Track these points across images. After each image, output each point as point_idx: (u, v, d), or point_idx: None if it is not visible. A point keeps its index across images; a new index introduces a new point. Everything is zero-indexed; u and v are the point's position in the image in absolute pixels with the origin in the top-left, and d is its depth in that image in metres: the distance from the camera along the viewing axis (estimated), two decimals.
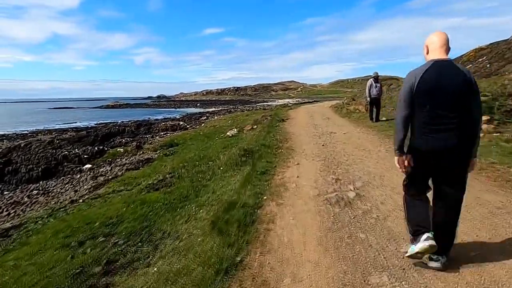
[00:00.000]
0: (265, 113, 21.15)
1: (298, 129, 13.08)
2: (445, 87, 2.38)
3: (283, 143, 9.94)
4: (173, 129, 23.46)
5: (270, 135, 11.27)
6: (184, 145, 16.55)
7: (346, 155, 7.66)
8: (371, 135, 10.30)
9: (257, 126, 17.12)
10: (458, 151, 2.42)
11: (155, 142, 17.82)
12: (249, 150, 9.01)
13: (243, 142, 12.48)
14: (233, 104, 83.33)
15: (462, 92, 2.38)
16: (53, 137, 29.74)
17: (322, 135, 11.16)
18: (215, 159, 9.78)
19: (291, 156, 7.83)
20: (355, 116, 16.12)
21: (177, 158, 12.22)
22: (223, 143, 13.98)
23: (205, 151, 12.76)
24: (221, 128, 19.88)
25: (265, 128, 13.13)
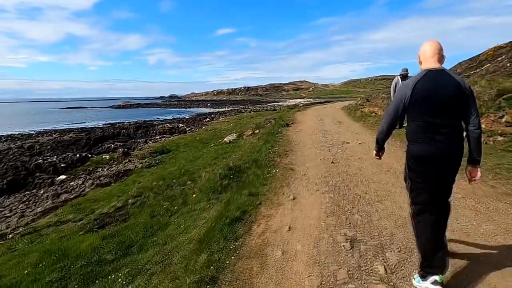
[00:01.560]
0: (269, 116, 18.90)
1: (304, 137, 10.81)
2: (438, 96, 2.34)
3: (281, 157, 7.71)
4: (171, 132, 21.45)
5: (267, 145, 9.05)
6: (175, 152, 14.48)
7: (365, 181, 5.39)
8: (395, 146, 7.95)
9: (258, 130, 14.93)
10: (451, 159, 2.39)
11: (146, 148, 15.81)
12: (236, 169, 6.84)
13: (236, 152, 10.35)
14: (244, 104, 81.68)
15: (455, 100, 2.34)
16: (51, 138, 28.31)
17: (332, 146, 8.88)
18: (196, 178, 7.66)
19: (287, 182, 5.60)
20: (371, 121, 13.74)
21: (157, 172, 10.13)
22: (216, 152, 11.86)
23: (193, 163, 10.65)
24: (221, 132, 17.74)
25: (264, 136, 10.91)
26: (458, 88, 2.34)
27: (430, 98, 2.35)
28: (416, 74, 2.49)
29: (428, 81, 2.38)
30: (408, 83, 2.45)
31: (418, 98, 2.37)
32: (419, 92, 2.37)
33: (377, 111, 16.38)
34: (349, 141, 9.39)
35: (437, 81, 2.37)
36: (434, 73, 2.40)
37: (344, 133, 11.30)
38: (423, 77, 2.41)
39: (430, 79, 2.38)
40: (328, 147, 8.74)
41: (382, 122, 2.62)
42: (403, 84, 2.52)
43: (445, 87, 2.35)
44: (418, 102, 2.38)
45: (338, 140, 9.80)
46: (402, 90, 2.47)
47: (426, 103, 2.37)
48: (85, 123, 46.52)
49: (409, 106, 2.42)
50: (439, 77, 2.39)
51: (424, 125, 2.40)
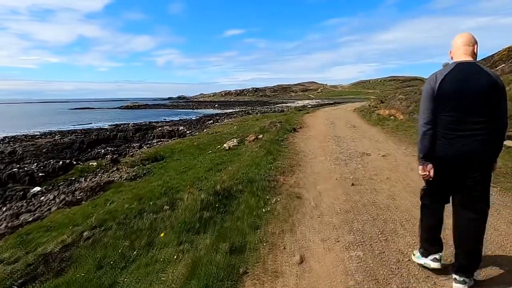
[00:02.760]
0: (275, 119, 17.12)
1: (313, 145, 9.01)
2: (468, 90, 2.14)
3: (285, 175, 5.93)
4: (170, 135, 19.82)
5: (269, 157, 7.28)
6: (168, 160, 12.80)
7: (405, 221, 3.61)
8: None
9: (262, 135, 13.17)
10: (483, 158, 2.20)
11: (138, 154, 14.17)
12: (224, 194, 5.11)
13: (233, 163, 8.64)
14: (251, 105, 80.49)
15: (487, 95, 2.13)
16: (50, 141, 27.01)
17: (350, 158, 7.08)
18: (177, 201, 5.94)
19: (291, 222, 3.82)
20: (391, 125, 11.86)
21: (138, 187, 8.45)
22: (212, 162, 10.15)
23: (182, 176, 8.97)
24: (221, 137, 16.02)
25: (267, 144, 9.13)
26: (491, 83, 2.13)
27: (459, 93, 2.14)
28: (444, 68, 2.28)
29: (458, 74, 2.18)
30: (435, 76, 2.24)
31: (446, 92, 2.18)
32: (448, 85, 2.18)
33: (395, 114, 14.48)
34: (370, 152, 7.57)
35: (467, 75, 2.17)
36: (464, 65, 2.20)
37: (361, 140, 9.46)
38: (453, 69, 2.21)
39: (460, 72, 2.19)
40: (345, 160, 6.94)
41: (419, 126, 2.31)
42: (430, 77, 2.30)
43: (476, 81, 2.14)
44: (446, 97, 2.17)
45: (356, 150, 7.98)
46: (430, 83, 2.26)
47: (454, 97, 2.15)
48: (91, 124, 46.34)
49: (436, 101, 2.20)
50: (470, 70, 2.18)
51: (451, 121, 2.18)
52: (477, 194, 2.26)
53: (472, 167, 2.20)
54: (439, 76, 2.24)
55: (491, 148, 2.21)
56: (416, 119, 11.32)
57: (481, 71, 2.18)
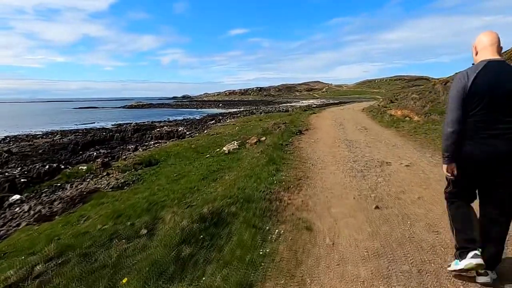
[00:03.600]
0: (279, 119, 15.95)
1: (322, 151, 7.84)
2: (502, 88, 2.05)
3: (290, 192, 4.79)
4: (169, 136, 18.72)
5: (271, 167, 6.13)
6: (162, 164, 11.70)
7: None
8: None
9: (265, 138, 12.04)
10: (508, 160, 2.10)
11: (131, 158, 13.08)
12: (212, 219, 4.01)
13: (231, 171, 7.57)
14: (256, 104, 79.44)
15: None
16: (48, 141, 26.10)
17: (367, 169, 5.91)
18: (159, 222, 4.82)
19: (300, 272, 2.68)
20: (407, 127, 10.64)
21: (122, 199, 7.35)
22: (208, 168, 9.04)
23: (172, 185, 7.87)
24: (222, 139, 14.89)
25: (269, 149, 7.98)
26: None
27: (492, 91, 2.05)
28: (474, 65, 2.19)
29: (491, 73, 2.08)
30: (466, 74, 2.14)
31: (479, 90, 2.08)
32: (480, 84, 2.08)
33: (409, 115, 13.26)
34: (390, 161, 6.40)
35: (500, 73, 2.08)
36: (495, 64, 2.12)
37: (376, 145, 8.27)
38: (484, 68, 2.10)
39: (492, 71, 2.09)
40: (361, 171, 5.77)
41: (447, 124, 2.21)
42: (460, 75, 2.19)
43: (509, 79, 2.05)
44: (479, 95, 2.08)
45: (372, 157, 6.81)
46: (461, 81, 2.15)
47: (487, 96, 2.06)
48: (94, 124, 46.05)
49: (467, 99, 2.11)
50: (502, 69, 2.10)
51: (482, 120, 2.10)
52: (505, 196, 2.18)
53: (502, 168, 2.12)
54: (471, 74, 2.13)
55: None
56: (436, 121, 10.07)
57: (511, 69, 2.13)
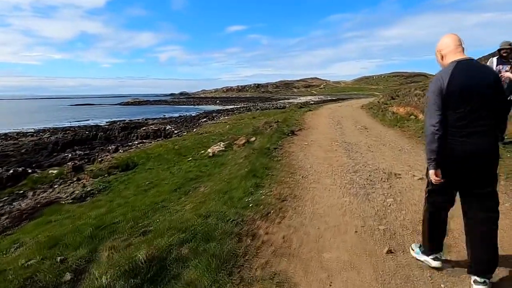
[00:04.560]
0: (272, 118, 14.63)
1: (316, 157, 6.53)
2: (477, 87, 2.09)
3: (269, 222, 3.49)
4: (155, 135, 17.39)
5: (250, 182, 4.80)
6: (138, 169, 10.40)
7: None
8: None
9: (255, 138, 10.77)
10: (493, 153, 2.17)
11: (107, 161, 11.74)
12: (150, 271, 2.71)
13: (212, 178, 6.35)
14: (253, 101, 78.16)
15: (493, 91, 2.12)
16: (34, 139, 24.75)
17: (372, 184, 4.61)
18: (95, 262, 3.53)
19: None
20: (414, 127, 9.33)
21: (74, 216, 6.05)
22: (185, 176, 7.81)
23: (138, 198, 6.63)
24: (209, 139, 13.57)
25: (253, 156, 6.67)
26: (494, 77, 2.16)
27: (468, 89, 2.07)
28: (446, 67, 2.18)
29: (463, 71, 2.10)
30: (441, 76, 2.15)
31: (455, 89, 2.09)
32: (455, 84, 2.07)
33: (414, 112, 11.96)
34: (399, 172, 5.10)
35: (472, 71, 2.12)
36: (466, 63, 2.15)
37: (379, 149, 6.97)
38: (456, 68, 2.11)
39: (465, 69, 2.12)
40: (364, 186, 4.48)
41: (429, 128, 2.17)
42: (435, 78, 2.20)
43: (482, 76, 2.11)
44: (456, 94, 2.08)
45: (377, 166, 5.51)
46: (437, 84, 2.15)
47: (464, 94, 2.07)
48: (89, 121, 45.26)
49: (445, 99, 2.11)
50: (473, 67, 2.14)
51: (460, 118, 2.10)
52: (487, 193, 2.20)
53: (482, 165, 2.14)
54: (445, 76, 2.13)
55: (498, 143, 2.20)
56: None
57: (483, 66, 2.22)
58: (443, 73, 2.16)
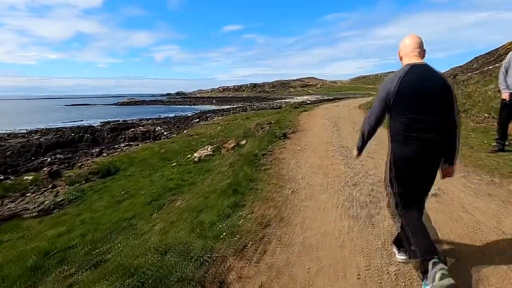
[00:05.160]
0: (265, 119, 13.81)
1: (310, 165, 5.70)
2: (425, 92, 2.11)
3: (245, 260, 2.66)
4: (144, 137, 16.53)
5: (229, 200, 3.96)
6: (118, 175, 9.58)
7: None
8: None
9: (245, 141, 9.97)
10: (437, 158, 2.22)
11: (88, 165, 10.88)
12: None
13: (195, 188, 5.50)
14: (250, 101, 77.39)
15: (443, 96, 2.13)
16: (22, 141, 23.82)
17: (374, 202, 3.83)
18: None
19: None
20: None
21: (25, 238, 5.20)
22: (165, 185, 7.04)
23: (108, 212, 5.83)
24: (198, 141, 12.74)
25: (238, 164, 5.84)
26: (444, 83, 2.15)
27: (417, 94, 2.11)
28: (399, 69, 2.22)
29: (414, 76, 2.12)
30: (392, 78, 2.19)
31: (404, 93, 2.12)
32: (406, 87, 2.11)
33: None
34: None
35: (423, 76, 2.12)
36: (419, 67, 2.17)
37: (381, 155, 6.14)
38: (408, 71, 2.15)
39: (415, 74, 2.13)
40: (366, 205, 3.70)
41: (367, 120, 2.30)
42: (387, 79, 2.26)
43: (432, 82, 2.12)
44: (404, 98, 2.13)
45: (379, 177, 4.69)
46: (387, 85, 2.19)
47: (413, 99, 2.12)
48: (83, 121, 44.73)
49: (394, 103, 2.15)
50: (425, 72, 2.15)
51: (411, 123, 2.13)
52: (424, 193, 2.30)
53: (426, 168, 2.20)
54: (396, 78, 2.15)
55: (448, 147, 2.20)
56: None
57: (434, 72, 2.16)
58: (395, 75, 2.17)
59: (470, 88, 11.37)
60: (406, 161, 2.19)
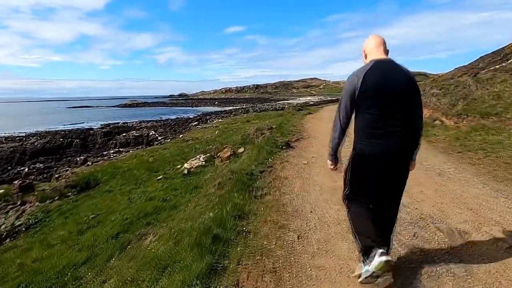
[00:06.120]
0: (267, 122, 12.50)
1: (320, 188, 4.36)
2: (390, 87, 2.02)
3: None
4: (136, 143, 15.26)
5: (204, 260, 2.63)
6: (98, 189, 8.30)
7: None
8: None
9: (243, 149, 8.72)
10: (404, 153, 2.12)
11: (66, 177, 9.61)
12: None
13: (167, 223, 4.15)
14: (252, 102, 76.41)
15: (407, 91, 2.07)
16: (15, 146, 22.67)
17: (425, 256, 2.46)
18: None
19: None
20: (443, 136, 7.20)
21: None
22: (142, 208, 5.76)
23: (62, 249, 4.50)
24: (192, 148, 11.44)
25: (226, 189, 4.51)
26: (409, 79, 2.07)
27: (381, 89, 2.01)
28: (362, 66, 2.13)
29: (378, 71, 2.04)
30: (357, 73, 2.08)
31: (368, 89, 2.02)
32: (369, 82, 2.02)
33: (436, 116, 9.89)
34: (459, 224, 2.97)
35: (387, 71, 2.04)
36: (382, 63, 2.09)
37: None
38: (372, 67, 2.05)
39: (380, 69, 2.05)
40: (415, 268, 2.34)
41: (336, 123, 2.17)
42: (350, 76, 2.15)
43: (396, 77, 2.04)
44: (368, 94, 2.03)
45: (418, 211, 3.39)
46: (351, 82, 2.09)
47: (377, 95, 2.02)
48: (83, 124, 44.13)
49: (359, 99, 2.05)
50: (388, 67, 2.07)
51: (374, 119, 2.04)
52: (396, 192, 2.22)
53: (393, 166, 2.10)
54: (360, 75, 2.04)
55: (412, 143, 2.13)
56: (486, 127, 6.65)
57: (398, 67, 2.08)
58: (359, 72, 2.07)
59: (497, 87, 9.99)
60: (367, 157, 2.09)
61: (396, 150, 2.05)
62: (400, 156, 2.08)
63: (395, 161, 2.08)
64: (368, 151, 2.07)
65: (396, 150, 2.05)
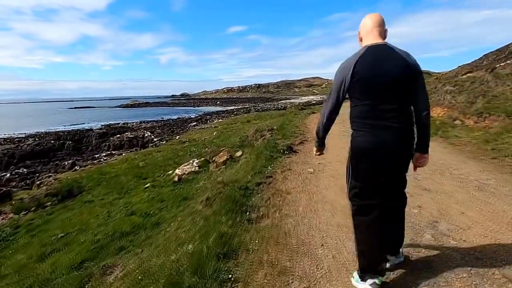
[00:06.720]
0: (268, 122, 11.61)
1: (332, 205, 3.47)
2: (383, 74, 1.81)
3: None
4: (130, 145, 14.43)
5: None
6: (80, 198, 7.45)
7: None
8: None
9: (241, 152, 7.91)
10: (402, 147, 1.92)
11: (48, 183, 8.78)
12: None
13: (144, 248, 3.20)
14: (254, 101, 75.74)
15: (403, 78, 1.81)
16: (11, 147, 21.93)
17: None
18: None
19: None
20: (468, 138, 6.28)
21: None
22: (119, 225, 4.89)
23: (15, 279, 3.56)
24: (188, 151, 10.59)
25: (215, 208, 3.64)
26: (405, 64, 1.82)
27: (373, 78, 1.82)
28: (356, 52, 1.93)
29: (370, 58, 1.84)
30: (348, 61, 1.91)
31: (360, 78, 1.84)
32: (361, 71, 1.83)
33: (454, 115, 8.95)
34: None
35: (380, 58, 1.83)
36: (377, 48, 1.86)
37: (440, 184, 3.91)
38: (364, 53, 1.86)
39: (372, 56, 1.84)
40: None
41: (324, 112, 2.03)
42: (343, 64, 1.96)
43: (390, 64, 1.82)
44: (360, 84, 1.85)
45: (465, 236, 2.46)
46: (342, 71, 1.93)
47: (369, 84, 1.83)
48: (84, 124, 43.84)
49: (351, 89, 1.89)
50: (382, 53, 1.85)
51: (368, 110, 1.87)
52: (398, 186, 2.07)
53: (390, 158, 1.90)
54: (352, 62, 1.85)
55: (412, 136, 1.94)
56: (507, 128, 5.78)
57: (393, 53, 1.83)
58: (351, 59, 1.89)
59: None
60: (363, 152, 1.91)
61: (393, 142, 1.85)
62: (398, 148, 1.88)
63: (393, 155, 1.88)
64: (365, 144, 1.90)
65: (393, 143, 1.85)
